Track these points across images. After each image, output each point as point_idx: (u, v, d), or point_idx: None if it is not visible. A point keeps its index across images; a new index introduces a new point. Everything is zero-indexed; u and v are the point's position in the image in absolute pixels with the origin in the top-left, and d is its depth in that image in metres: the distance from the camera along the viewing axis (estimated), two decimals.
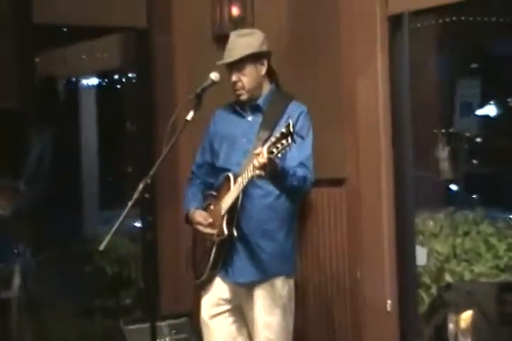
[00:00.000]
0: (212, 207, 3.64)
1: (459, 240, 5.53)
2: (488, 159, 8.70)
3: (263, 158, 3.19)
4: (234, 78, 3.60)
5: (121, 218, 3.24)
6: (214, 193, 3.66)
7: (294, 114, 3.59)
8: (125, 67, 5.14)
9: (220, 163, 3.67)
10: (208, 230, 3.57)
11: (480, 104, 8.32)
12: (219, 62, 3.62)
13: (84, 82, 6.57)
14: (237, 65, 3.59)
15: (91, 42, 5.50)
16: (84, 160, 6.98)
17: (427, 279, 5.30)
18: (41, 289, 5.19)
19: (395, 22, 4.30)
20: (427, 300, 4.91)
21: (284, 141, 3.16)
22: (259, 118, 3.62)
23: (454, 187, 7.22)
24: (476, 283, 4.83)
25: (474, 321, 3.26)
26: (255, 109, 3.66)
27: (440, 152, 6.78)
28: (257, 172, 3.25)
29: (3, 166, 4.83)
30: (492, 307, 3.65)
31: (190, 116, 3.44)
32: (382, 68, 4.31)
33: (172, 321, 4.50)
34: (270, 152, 3.19)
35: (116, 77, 5.73)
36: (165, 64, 4.55)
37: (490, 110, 9.62)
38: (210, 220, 3.57)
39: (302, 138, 3.46)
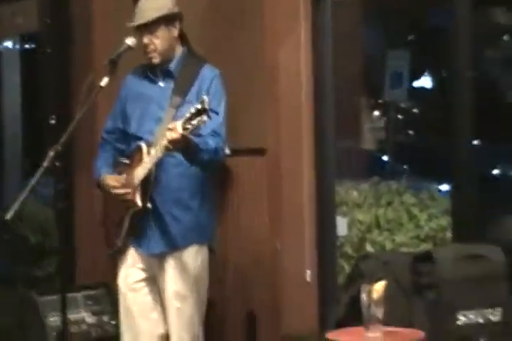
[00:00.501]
0: (124, 175, 3.57)
1: (381, 210, 5.57)
2: (416, 130, 8.78)
3: (177, 134, 3.16)
4: (146, 40, 3.52)
5: (29, 187, 3.16)
6: (126, 161, 3.60)
7: (207, 78, 3.53)
8: (43, 30, 4.98)
9: (132, 130, 3.61)
10: (122, 191, 3.52)
11: (410, 75, 8.36)
12: (130, 24, 3.54)
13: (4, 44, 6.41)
14: (149, 27, 3.51)
15: (9, 5, 5.35)
16: (6, 125, 6.84)
17: (348, 249, 5.34)
18: None
19: None
20: (348, 270, 4.95)
21: (198, 118, 3.12)
22: (171, 84, 3.55)
23: (379, 157, 7.26)
24: (393, 253, 4.88)
25: (387, 291, 3.27)
26: (167, 74, 3.59)
27: (365, 122, 6.81)
28: (169, 147, 3.21)
29: None
30: (406, 278, 3.69)
31: (104, 82, 3.36)
32: (305, 37, 4.27)
33: (88, 292, 4.43)
34: (185, 128, 3.15)
35: (35, 40, 5.58)
36: (83, 27, 4.44)
37: (420, 81, 9.70)
38: (123, 181, 3.52)
39: (217, 113, 3.42)
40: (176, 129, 3.15)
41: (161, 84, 3.60)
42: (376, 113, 8.03)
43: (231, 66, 4.42)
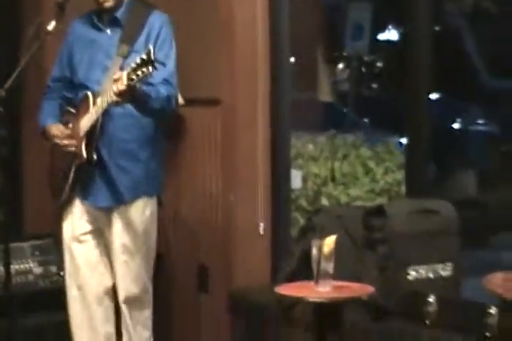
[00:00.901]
0: (70, 125, 3.48)
1: (337, 164, 5.55)
2: (375, 83, 8.73)
3: (122, 85, 3.06)
4: None
5: None
6: (73, 110, 3.50)
7: (155, 26, 3.43)
8: None
9: (79, 78, 3.50)
10: (66, 142, 3.43)
11: (372, 27, 8.28)
12: None
13: None
14: None
15: None
16: None
17: (303, 202, 5.32)
18: None
19: None
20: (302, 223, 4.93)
21: (144, 69, 3.03)
22: (119, 32, 3.44)
23: (337, 109, 7.21)
24: (345, 207, 4.87)
25: (338, 246, 3.24)
26: (114, 21, 3.47)
27: (323, 74, 6.73)
28: (116, 98, 3.12)
29: None
30: (358, 232, 3.67)
31: (51, 26, 3.24)
32: None
33: (35, 242, 4.34)
34: (130, 79, 3.06)
35: None
36: None
37: (383, 34, 9.63)
38: (68, 132, 3.42)
39: (164, 65, 3.32)
40: (121, 80, 3.06)
41: (109, 31, 3.49)
42: (337, 65, 7.96)
43: (186, 16, 4.32)
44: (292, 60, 4.45)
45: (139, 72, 3.05)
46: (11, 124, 4.53)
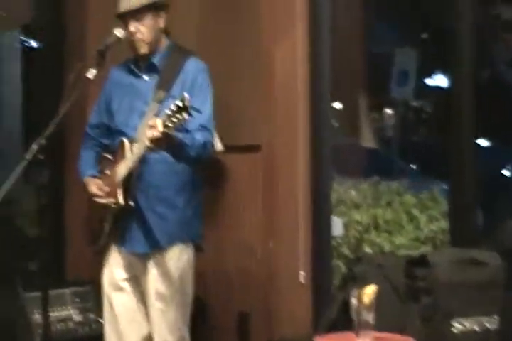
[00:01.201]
0: (108, 172, 3.48)
1: (380, 210, 5.48)
2: (420, 129, 8.66)
3: (157, 132, 3.06)
4: (132, 28, 3.41)
5: (11, 179, 3.06)
6: (110, 157, 3.50)
7: (191, 72, 3.43)
8: (37, 23, 4.90)
9: (116, 125, 3.51)
10: (104, 200, 3.43)
11: (418, 73, 8.25)
12: (117, 11, 3.42)
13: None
14: (136, 14, 3.41)
15: None
16: (6, 118, 6.75)
17: (345, 250, 5.25)
18: None
19: None
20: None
21: (179, 116, 3.02)
22: (156, 78, 3.45)
23: (380, 156, 7.15)
24: (387, 255, 4.78)
25: (380, 295, 3.16)
26: (151, 67, 3.48)
27: (366, 120, 6.69)
28: (150, 145, 3.11)
29: None
30: (401, 282, 3.58)
31: (91, 73, 3.26)
32: (302, 34, 4.16)
33: (76, 288, 4.33)
34: (165, 126, 3.06)
35: (32, 33, 5.52)
36: (77, 18, 4.34)
37: (428, 80, 9.59)
38: (106, 189, 3.42)
39: (200, 111, 3.32)
40: (156, 127, 3.06)
41: (146, 77, 3.50)
42: (381, 111, 7.93)
43: (227, 61, 4.34)
44: (334, 105, 4.41)
45: (174, 119, 3.04)
46: (52, 171, 4.61)
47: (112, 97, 3.55)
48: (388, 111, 8.48)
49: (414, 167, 7.36)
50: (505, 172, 7.49)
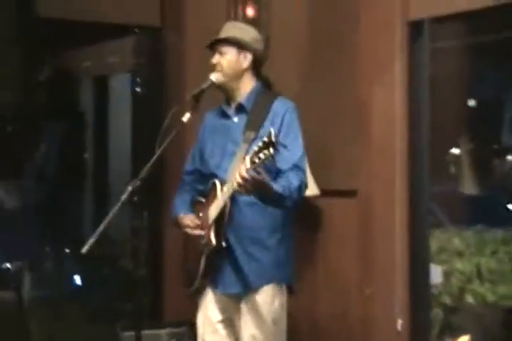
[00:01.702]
0: (201, 214, 3.52)
1: (484, 259, 5.33)
2: None
3: (245, 170, 3.08)
4: (213, 60, 3.51)
5: (105, 221, 3.14)
6: (202, 200, 3.55)
7: (280, 112, 3.46)
8: (137, 68, 5.06)
9: (208, 168, 3.56)
10: (196, 232, 3.47)
11: None
12: (206, 44, 3.54)
13: (95, 81, 6.55)
14: (221, 47, 3.51)
15: (105, 42, 5.48)
16: (114, 161, 6.93)
17: (447, 299, 5.11)
18: (52, 289, 5.16)
19: (416, 28, 4.12)
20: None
21: (266, 151, 3.04)
22: (245, 119, 3.49)
23: (485, 203, 6.97)
24: (486, 306, 4.63)
25: None
26: (240, 108, 3.53)
27: (467, 166, 6.55)
28: (239, 188, 3.14)
29: (12, 162, 4.84)
30: (500, 333, 3.48)
31: (186, 118, 3.34)
32: (401, 76, 4.13)
33: (172, 329, 4.39)
34: (253, 162, 3.08)
35: (129, 75, 5.68)
36: (177, 63, 4.46)
37: None
38: (198, 222, 3.46)
39: (285, 146, 3.33)
40: (244, 165, 3.08)
41: (235, 119, 3.55)
42: (488, 158, 7.76)
43: (325, 106, 4.38)
44: (434, 151, 4.35)
45: (262, 155, 3.05)
46: (150, 213, 4.71)
47: (206, 141, 3.61)
48: (497, 158, 8.30)
49: None
50: None
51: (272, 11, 4.47)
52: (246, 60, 3.53)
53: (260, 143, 3.06)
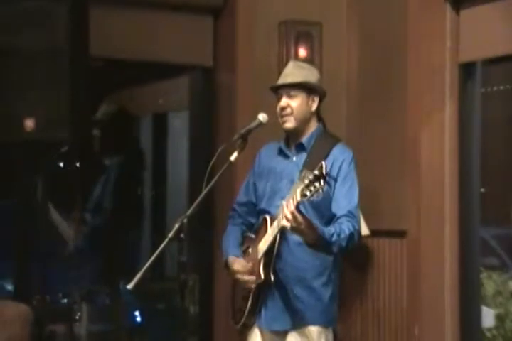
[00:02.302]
0: (250, 250, 3.55)
1: None
2: None
3: (291, 207, 3.09)
4: (283, 103, 3.49)
5: (152, 257, 3.19)
6: (253, 236, 3.57)
7: (339, 157, 3.47)
8: (191, 107, 5.16)
9: (261, 204, 3.57)
10: (246, 278, 3.48)
11: None
12: (273, 85, 3.54)
13: (152, 120, 6.68)
14: (290, 90, 3.49)
15: (158, 82, 5.62)
16: (172, 198, 7.00)
17: None
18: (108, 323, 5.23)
19: (467, 70, 4.16)
20: None
21: (316, 184, 3.04)
22: (303, 158, 3.52)
23: None
24: None
25: None
26: (299, 147, 3.55)
27: None
28: (287, 221, 3.14)
29: (71, 197, 4.95)
30: None
31: (233, 157, 3.36)
32: (451, 119, 4.17)
33: None
34: (303, 195, 3.08)
35: (181, 116, 5.81)
36: (229, 104, 4.53)
37: None
38: (249, 267, 3.48)
39: (335, 180, 3.33)
40: (288, 204, 3.10)
41: (294, 158, 3.56)
42: None
43: (375, 149, 4.43)
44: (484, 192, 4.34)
45: (312, 188, 3.06)
46: (201, 251, 4.74)
47: (261, 177, 3.62)
48: None
49: None
50: None
51: (323, 51, 4.55)
52: (314, 103, 3.54)
53: (311, 176, 3.06)
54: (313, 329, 3.47)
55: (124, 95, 5.76)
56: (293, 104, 3.49)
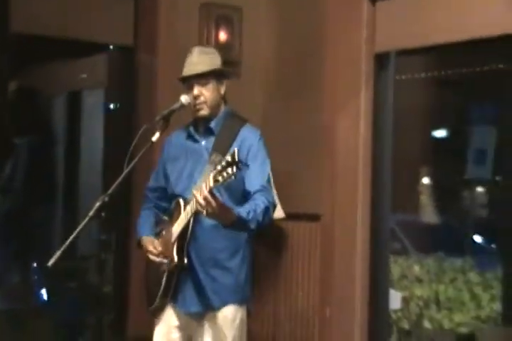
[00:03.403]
0: (164, 232, 3.58)
1: (443, 287, 5.43)
2: (492, 208, 8.53)
3: (204, 192, 3.13)
4: (196, 92, 3.51)
5: (73, 235, 3.18)
6: (166, 218, 3.61)
7: (248, 138, 3.53)
8: (109, 85, 5.13)
9: (172, 187, 3.61)
10: (159, 259, 3.51)
11: (495, 152, 8.15)
12: (184, 74, 3.54)
13: (67, 97, 6.61)
14: (201, 79, 3.52)
15: (76, 60, 5.57)
16: (85, 176, 6.94)
17: (405, 325, 5.20)
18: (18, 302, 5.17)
19: (381, 61, 4.27)
20: None
21: (229, 170, 3.09)
22: (212, 142, 3.57)
23: (446, 232, 7.10)
24: (436, 331, 4.73)
25: None
26: (208, 131, 3.60)
27: (425, 195, 6.68)
28: (200, 207, 3.18)
29: None
30: None
31: (155, 137, 3.38)
32: (365, 106, 4.28)
33: None
34: (216, 181, 3.12)
35: (99, 93, 5.75)
36: (148, 84, 4.54)
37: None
38: (160, 249, 3.51)
39: (247, 166, 3.39)
40: (207, 183, 3.13)
41: (203, 142, 3.61)
42: (451, 189, 7.90)
43: (291, 134, 4.50)
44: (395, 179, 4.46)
45: (225, 174, 3.09)
46: (118, 229, 4.75)
47: (170, 161, 3.65)
48: (462, 190, 8.43)
49: (481, 245, 7.26)
50: None
51: (243, 36, 4.59)
52: (223, 86, 3.58)
53: (224, 163, 3.10)
54: (230, 308, 3.52)
55: (39, 72, 5.66)
56: (206, 92, 3.52)
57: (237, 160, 3.04)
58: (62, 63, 5.63)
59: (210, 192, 3.12)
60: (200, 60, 3.54)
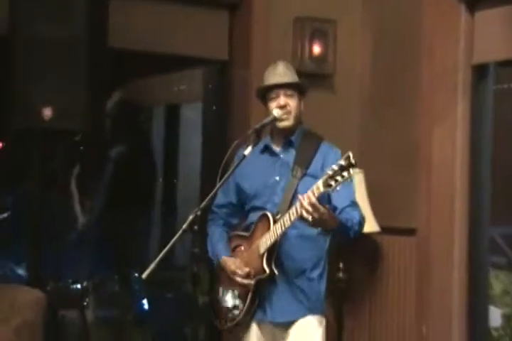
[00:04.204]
0: (242, 248, 3.59)
1: None
2: None
3: (312, 199, 3.11)
4: (282, 102, 3.51)
5: (166, 248, 3.22)
6: (245, 234, 3.59)
7: (330, 154, 3.51)
8: (205, 99, 5.19)
9: (252, 202, 3.59)
10: (246, 282, 3.51)
11: None
12: (274, 82, 3.50)
13: (164, 111, 6.71)
14: (288, 90, 3.53)
15: (173, 74, 5.64)
16: (183, 189, 7.02)
17: None
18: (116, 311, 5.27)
19: (479, 72, 4.19)
20: None
21: (344, 173, 3.06)
22: (292, 156, 3.55)
23: None
24: None
25: None
26: (288, 145, 3.59)
27: None
28: (306, 213, 3.17)
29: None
30: None
31: (247, 151, 3.39)
32: (462, 119, 4.20)
33: None
34: (328, 185, 3.10)
35: (195, 107, 5.81)
36: (243, 98, 4.55)
37: None
38: (247, 270, 3.52)
39: (341, 187, 3.37)
40: (313, 190, 3.13)
41: (282, 155, 3.60)
42: None
43: (386, 145, 4.46)
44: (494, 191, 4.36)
45: (338, 177, 3.07)
46: None
47: (244, 176, 3.62)
48: None
49: None
50: None
51: (337, 50, 4.57)
52: (302, 103, 3.60)
53: (335, 167, 3.08)
54: (315, 319, 3.53)
55: (138, 86, 5.78)
56: (292, 103, 3.53)
57: (353, 162, 3.02)
58: (160, 78, 5.75)
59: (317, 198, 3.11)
60: (286, 71, 3.56)
